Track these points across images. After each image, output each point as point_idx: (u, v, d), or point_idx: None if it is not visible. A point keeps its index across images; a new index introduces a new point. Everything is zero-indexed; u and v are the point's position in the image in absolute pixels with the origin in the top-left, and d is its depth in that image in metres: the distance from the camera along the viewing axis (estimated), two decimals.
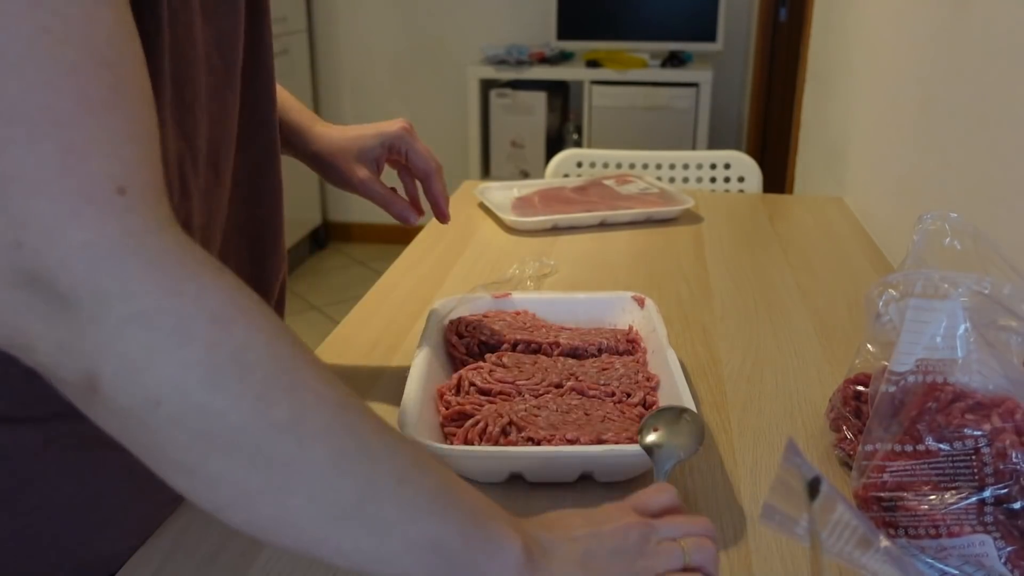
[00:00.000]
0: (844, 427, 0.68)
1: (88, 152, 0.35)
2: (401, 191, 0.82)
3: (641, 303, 0.86)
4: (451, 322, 0.82)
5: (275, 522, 0.39)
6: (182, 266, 0.36)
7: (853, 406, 0.68)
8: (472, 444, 0.66)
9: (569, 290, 1.02)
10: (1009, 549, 0.52)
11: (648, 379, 0.75)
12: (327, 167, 0.79)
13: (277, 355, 0.38)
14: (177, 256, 0.36)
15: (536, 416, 0.68)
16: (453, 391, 0.72)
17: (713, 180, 1.75)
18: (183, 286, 0.36)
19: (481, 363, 0.77)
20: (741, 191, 1.73)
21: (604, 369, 0.77)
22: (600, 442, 0.64)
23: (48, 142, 0.34)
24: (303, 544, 0.40)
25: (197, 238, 0.58)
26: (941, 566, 0.54)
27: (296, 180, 3.49)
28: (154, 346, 0.35)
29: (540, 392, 0.73)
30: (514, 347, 0.80)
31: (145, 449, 0.38)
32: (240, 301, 0.38)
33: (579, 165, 1.77)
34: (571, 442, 0.65)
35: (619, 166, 1.77)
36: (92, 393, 0.36)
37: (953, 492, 0.54)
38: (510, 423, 0.66)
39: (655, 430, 0.63)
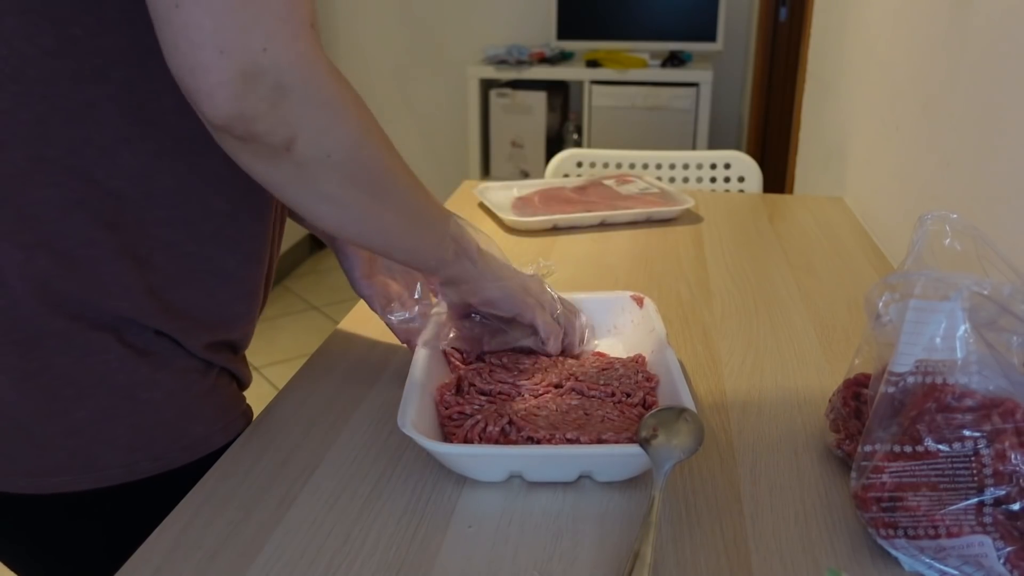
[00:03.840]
0: (844, 427, 0.68)
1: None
2: None
3: (640, 303, 0.86)
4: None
5: (375, 231, 0.64)
6: (337, 74, 0.56)
7: (853, 407, 0.68)
8: (472, 444, 0.66)
9: (569, 290, 1.02)
10: (1008, 550, 0.52)
11: (648, 379, 0.75)
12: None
13: (381, 133, 0.61)
14: (332, 67, 0.56)
15: (536, 416, 0.68)
16: (453, 391, 0.72)
17: (713, 180, 1.75)
18: (343, 83, 0.56)
19: (481, 363, 0.78)
20: (741, 191, 1.73)
21: (604, 369, 0.77)
22: (600, 442, 0.64)
23: None
24: (387, 243, 0.66)
25: None
26: (941, 566, 0.54)
27: None
28: (332, 119, 0.56)
29: (540, 392, 0.73)
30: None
31: (304, 188, 0.58)
32: (359, 99, 0.59)
33: (579, 165, 1.77)
34: (571, 442, 0.65)
35: (619, 166, 1.77)
36: (285, 152, 0.55)
37: (952, 493, 0.54)
38: (510, 423, 0.66)
39: (655, 430, 0.63)
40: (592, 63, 3.20)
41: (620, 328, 0.86)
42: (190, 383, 0.69)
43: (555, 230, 1.26)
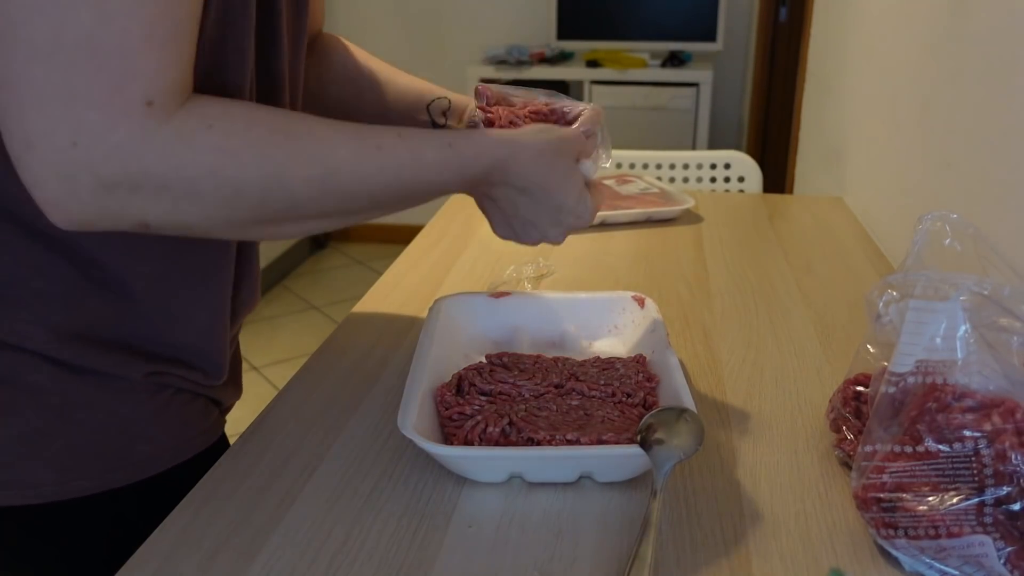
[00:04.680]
0: (844, 427, 0.68)
1: (129, 76, 0.46)
2: None
3: (641, 303, 0.86)
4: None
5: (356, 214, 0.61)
6: (185, 151, 0.49)
7: (853, 406, 0.68)
8: (472, 444, 0.66)
9: (569, 290, 1.02)
10: (1009, 550, 0.52)
11: (648, 379, 0.75)
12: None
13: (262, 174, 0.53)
14: (179, 146, 0.49)
15: (536, 416, 0.68)
16: (453, 391, 0.72)
17: (713, 180, 1.75)
18: (193, 152, 0.49)
19: (481, 363, 0.78)
20: (741, 191, 1.73)
21: (604, 369, 0.77)
22: (600, 442, 0.64)
23: (105, 70, 0.45)
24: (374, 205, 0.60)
25: None
26: (941, 566, 0.54)
27: None
28: (179, 200, 0.50)
29: (540, 392, 0.73)
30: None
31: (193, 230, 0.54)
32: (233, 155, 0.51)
33: None
34: (571, 442, 0.65)
35: (619, 166, 1.77)
36: (146, 228, 0.51)
37: (953, 493, 0.54)
38: (510, 423, 0.66)
39: (655, 430, 0.63)
40: (592, 63, 3.20)
41: (621, 328, 0.86)
42: (135, 403, 0.66)
43: None
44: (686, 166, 1.75)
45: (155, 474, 0.68)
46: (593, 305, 0.87)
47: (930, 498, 0.54)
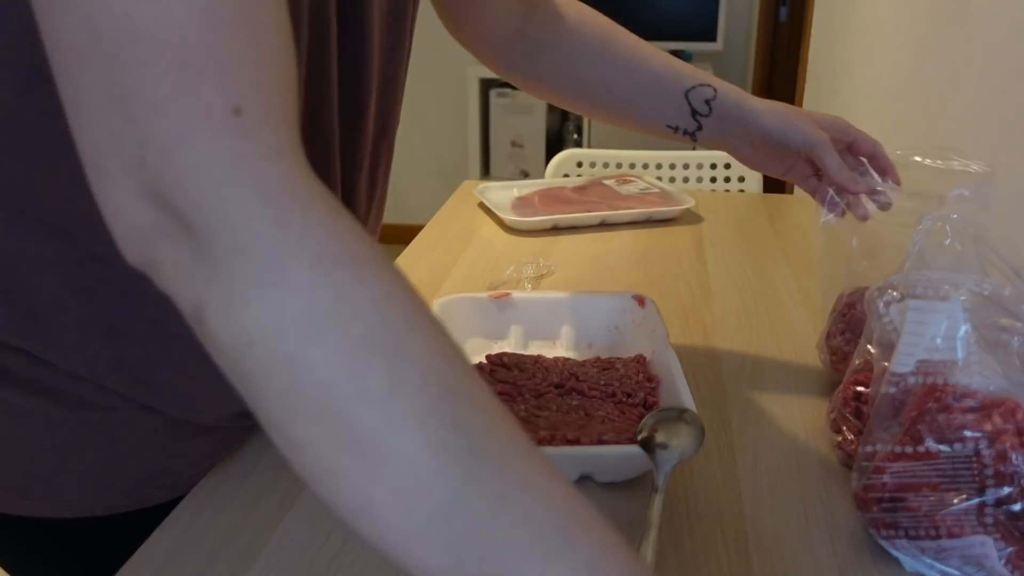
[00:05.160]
0: (844, 428, 0.68)
1: (205, 70, 0.33)
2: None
3: (641, 303, 0.85)
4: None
5: (358, 512, 0.34)
6: (292, 198, 0.34)
7: (853, 407, 0.68)
8: None
9: (569, 290, 1.02)
10: (1009, 550, 0.52)
11: (649, 379, 0.75)
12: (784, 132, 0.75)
13: (384, 313, 0.34)
14: (288, 186, 0.34)
15: (537, 416, 0.68)
16: None
17: (713, 180, 1.75)
18: (290, 218, 0.33)
19: (481, 363, 0.78)
20: (741, 191, 1.73)
21: (604, 369, 0.77)
22: (600, 442, 0.64)
23: (167, 59, 0.33)
24: (388, 546, 0.34)
25: None
26: (942, 567, 0.54)
27: None
28: (251, 281, 0.33)
29: (540, 392, 0.73)
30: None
31: (246, 393, 0.35)
32: (352, 245, 0.35)
33: (579, 165, 1.77)
34: (571, 442, 0.65)
35: (619, 166, 1.77)
36: (200, 324, 0.35)
37: (953, 493, 0.54)
38: None
39: (655, 430, 0.63)
40: None
41: (621, 328, 0.86)
42: (178, 422, 0.63)
43: (555, 230, 1.26)
44: (686, 166, 1.75)
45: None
46: (593, 305, 0.87)
47: (931, 498, 0.54)
